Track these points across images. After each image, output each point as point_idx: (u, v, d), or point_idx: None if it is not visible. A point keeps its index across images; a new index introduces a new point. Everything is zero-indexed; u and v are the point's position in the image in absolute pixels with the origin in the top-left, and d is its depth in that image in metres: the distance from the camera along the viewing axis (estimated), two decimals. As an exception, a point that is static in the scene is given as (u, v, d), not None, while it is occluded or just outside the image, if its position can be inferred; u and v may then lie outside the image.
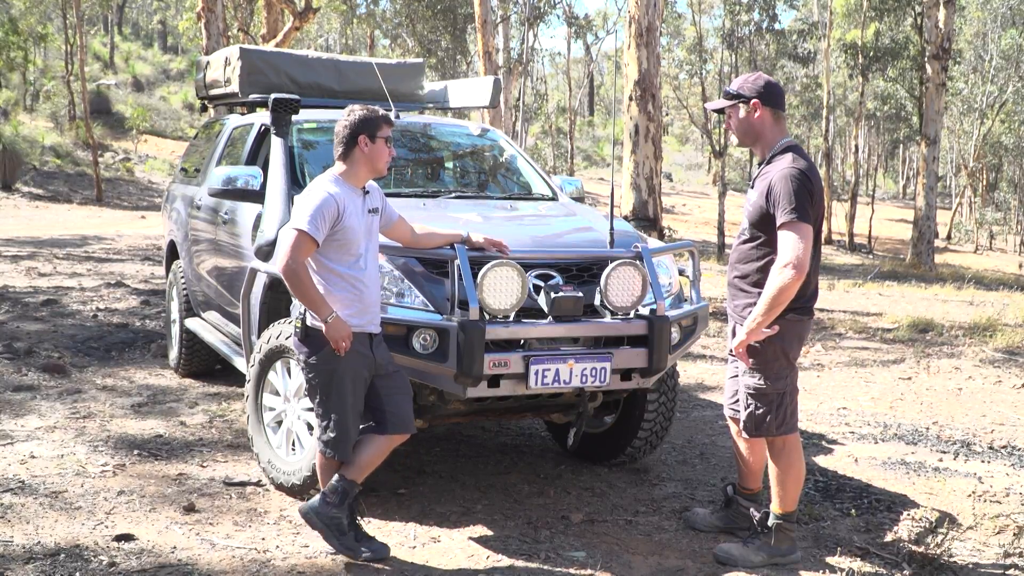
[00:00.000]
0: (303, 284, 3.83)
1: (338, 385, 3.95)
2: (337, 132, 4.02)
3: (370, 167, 4.02)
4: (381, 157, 4.02)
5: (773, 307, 3.89)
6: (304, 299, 3.85)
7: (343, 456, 4.03)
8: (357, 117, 3.99)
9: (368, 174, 4.05)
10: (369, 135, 3.98)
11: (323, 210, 3.85)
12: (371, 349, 4.01)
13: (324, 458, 4.08)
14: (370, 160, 4.00)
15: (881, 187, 54.89)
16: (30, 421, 5.83)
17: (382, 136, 4.01)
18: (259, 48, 7.15)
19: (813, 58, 34.77)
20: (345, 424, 3.98)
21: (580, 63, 55.45)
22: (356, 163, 4.00)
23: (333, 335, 3.85)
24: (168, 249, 7.64)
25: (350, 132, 3.98)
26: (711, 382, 7.62)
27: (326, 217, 3.85)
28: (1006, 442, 6.12)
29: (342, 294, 3.94)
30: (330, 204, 3.87)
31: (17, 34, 27.87)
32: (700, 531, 4.51)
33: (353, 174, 4.01)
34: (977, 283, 17.53)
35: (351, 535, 4.03)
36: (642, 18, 11.69)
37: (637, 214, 11.74)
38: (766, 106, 4.06)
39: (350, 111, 4.03)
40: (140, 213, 23.20)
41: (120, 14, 53.70)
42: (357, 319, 3.95)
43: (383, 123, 4.02)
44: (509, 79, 27.34)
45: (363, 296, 3.97)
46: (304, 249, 3.85)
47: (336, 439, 3.99)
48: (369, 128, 3.98)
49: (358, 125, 3.98)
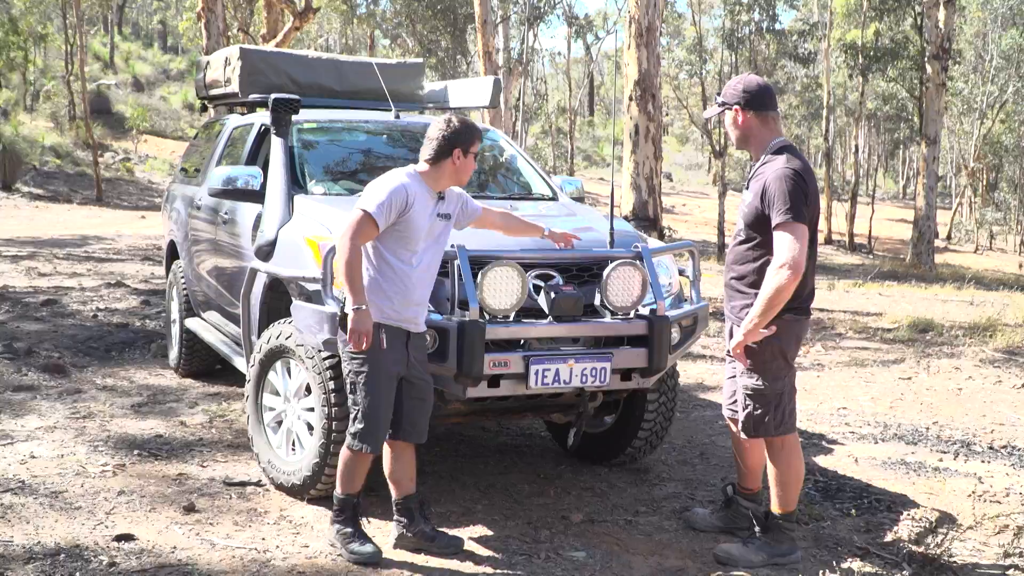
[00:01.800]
0: (351, 264, 3.80)
1: (373, 376, 3.92)
2: (432, 136, 4.00)
3: (455, 179, 4.05)
4: (468, 171, 4.05)
5: (770, 308, 3.89)
6: (347, 278, 3.81)
7: (376, 448, 4.00)
8: (457, 128, 3.98)
9: (450, 183, 4.07)
10: (464, 149, 3.99)
11: (393, 198, 3.86)
12: (406, 347, 4.00)
13: (351, 452, 4.02)
14: (457, 172, 4.02)
15: (881, 187, 54.88)
16: (30, 421, 5.83)
17: (474, 151, 4.03)
18: (259, 48, 7.16)
19: (813, 58, 34.78)
20: (376, 416, 3.95)
21: (580, 63, 55.43)
22: (442, 171, 4.01)
23: (354, 326, 3.82)
24: (168, 249, 7.64)
25: (447, 142, 3.97)
26: (711, 382, 7.62)
27: (394, 206, 3.86)
28: (1006, 442, 6.12)
29: (389, 285, 3.92)
30: (400, 194, 3.88)
31: (17, 34, 27.89)
32: (700, 531, 4.51)
33: (435, 179, 4.02)
34: (977, 283, 17.53)
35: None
36: (642, 18, 11.69)
37: (637, 214, 11.74)
38: (749, 110, 4.07)
39: (449, 121, 4.01)
40: (140, 213, 23.20)
41: (120, 14, 53.68)
42: (395, 313, 3.93)
43: (478, 139, 4.05)
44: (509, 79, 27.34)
45: (409, 293, 3.94)
46: (365, 232, 3.84)
47: (367, 430, 3.95)
48: (466, 142, 3.99)
49: (457, 137, 3.98)
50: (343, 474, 4.08)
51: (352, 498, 4.09)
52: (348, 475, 4.07)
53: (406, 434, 4.07)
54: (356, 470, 4.06)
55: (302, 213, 4.98)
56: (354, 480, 4.08)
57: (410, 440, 4.10)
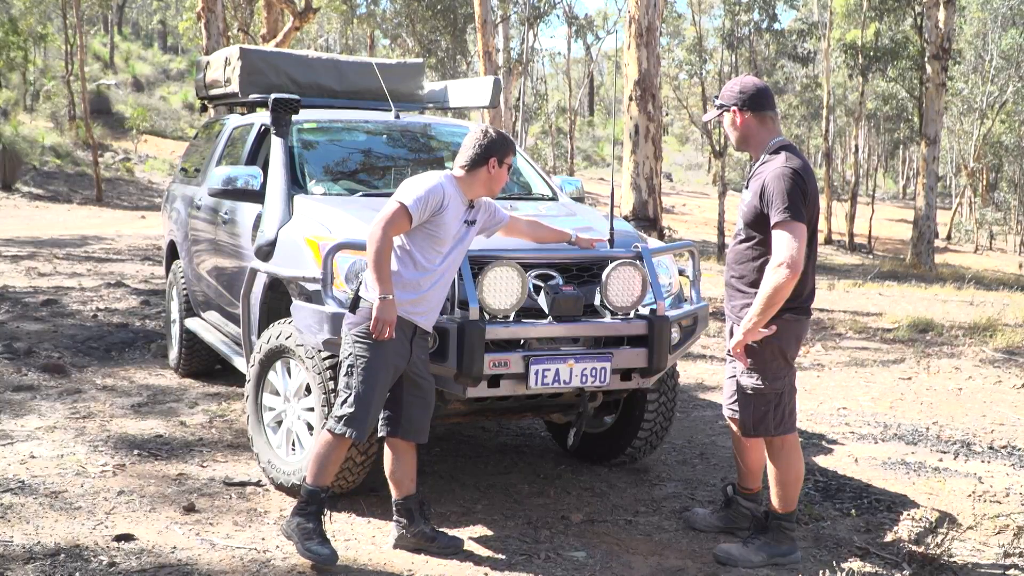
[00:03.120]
0: (380, 253, 3.83)
1: (373, 362, 3.91)
2: (468, 145, 4.07)
3: (487, 188, 4.12)
4: (500, 182, 4.13)
5: (769, 307, 3.89)
6: (375, 267, 3.83)
7: (360, 434, 3.93)
8: (494, 139, 4.07)
9: (482, 193, 4.13)
10: (499, 159, 4.07)
11: (430, 195, 3.91)
12: (411, 342, 4.00)
13: (332, 436, 3.95)
14: (490, 182, 4.09)
15: (881, 187, 54.90)
16: (30, 421, 5.83)
17: (508, 163, 4.11)
18: (259, 48, 7.16)
19: (813, 58, 34.80)
20: (368, 402, 3.92)
21: (580, 63, 55.44)
22: (477, 179, 4.08)
23: (380, 315, 3.83)
24: (168, 249, 7.64)
25: (484, 151, 4.05)
26: (711, 382, 7.62)
27: (430, 203, 3.91)
28: (1006, 442, 6.12)
29: (409, 279, 3.95)
30: (437, 192, 3.93)
31: (17, 34, 27.90)
32: (700, 531, 4.51)
33: (469, 186, 4.08)
34: (977, 283, 17.53)
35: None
36: (642, 18, 11.69)
37: (637, 214, 11.74)
38: (746, 111, 4.08)
39: (486, 131, 4.09)
40: (140, 213, 23.21)
41: (120, 14, 53.69)
42: (411, 307, 3.95)
43: (512, 152, 4.13)
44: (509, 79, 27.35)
45: (423, 288, 3.97)
46: (399, 224, 3.88)
47: (355, 415, 3.90)
48: (502, 153, 4.07)
49: (493, 147, 4.06)
50: (317, 460, 3.97)
51: (320, 491, 3.99)
52: (322, 462, 3.97)
53: (405, 432, 4.06)
54: (332, 457, 3.97)
55: (302, 213, 4.98)
56: (327, 469, 3.98)
57: (410, 439, 4.09)
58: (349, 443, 3.98)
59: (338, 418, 3.94)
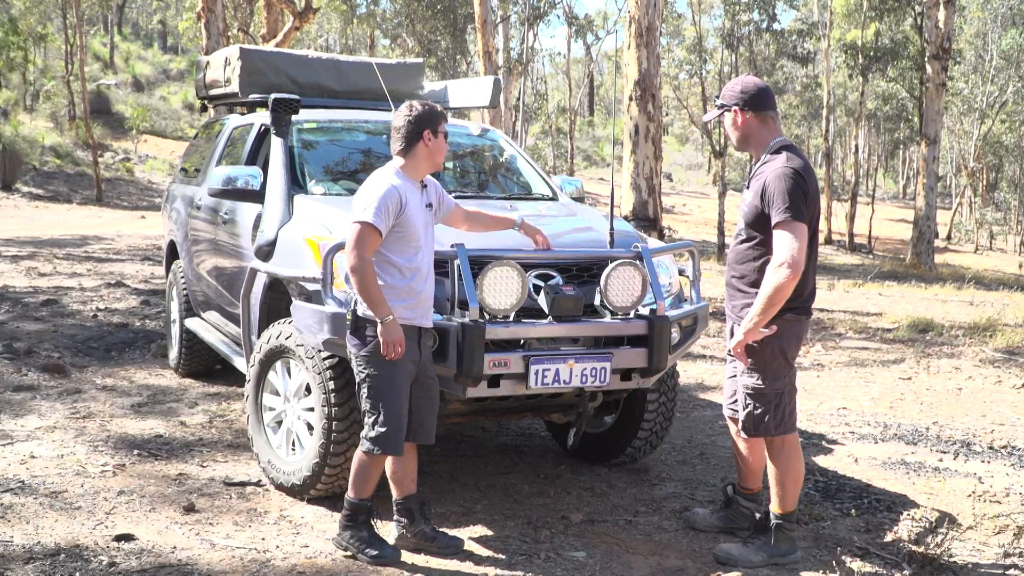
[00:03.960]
0: (367, 280, 3.80)
1: (390, 378, 3.90)
2: (398, 127, 4.01)
3: (431, 161, 4.04)
4: (441, 151, 4.06)
5: (769, 306, 3.89)
6: (365, 295, 3.81)
7: (396, 452, 3.96)
8: (421, 111, 4.00)
9: (428, 168, 4.06)
10: (432, 130, 4.00)
11: (387, 201, 3.85)
12: (419, 344, 3.99)
13: (368, 457, 3.98)
14: (432, 154, 4.02)
15: (881, 187, 54.89)
16: (30, 421, 5.83)
17: (442, 131, 4.04)
18: (259, 48, 7.15)
19: (813, 58, 34.79)
20: (399, 418, 3.93)
21: (580, 63, 55.44)
22: (418, 158, 4.01)
23: (387, 337, 3.81)
24: (168, 249, 7.64)
25: (415, 127, 3.98)
26: (711, 382, 7.62)
27: (390, 209, 3.85)
28: (1006, 442, 6.12)
29: (399, 287, 3.92)
30: (393, 195, 3.87)
31: (17, 34, 27.88)
32: (700, 531, 4.51)
33: (414, 168, 4.02)
34: (977, 283, 17.53)
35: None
36: (642, 18, 11.69)
37: (637, 214, 11.74)
38: (748, 110, 4.08)
39: (411, 106, 4.02)
40: (140, 213, 23.20)
41: (120, 14, 53.69)
42: (410, 312, 3.93)
43: (442, 118, 4.06)
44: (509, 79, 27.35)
45: (417, 290, 3.95)
46: (370, 242, 3.83)
47: (388, 434, 3.92)
48: (433, 123, 4.00)
49: (423, 119, 3.98)
50: (357, 478, 4.03)
51: (366, 502, 4.06)
52: (363, 479, 4.03)
53: (415, 435, 4.06)
54: (371, 474, 4.03)
55: (302, 213, 4.98)
56: (368, 484, 4.04)
57: (420, 441, 4.09)
58: (385, 458, 4.03)
59: (373, 440, 3.94)
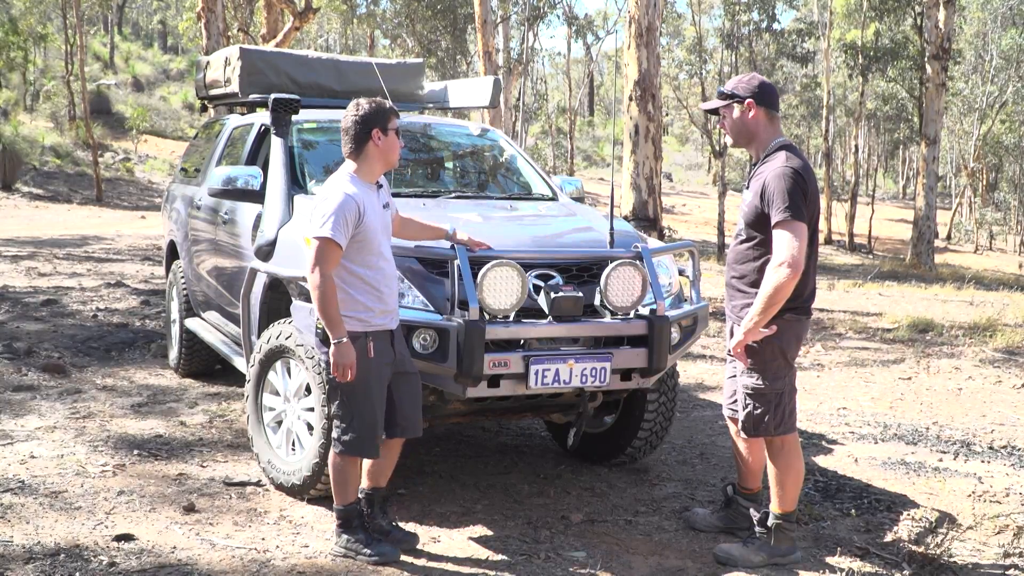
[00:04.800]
0: (326, 298, 3.73)
1: (362, 385, 3.87)
2: (346, 128, 3.91)
3: (384, 160, 3.93)
4: (394, 149, 3.93)
5: (769, 306, 3.89)
6: (324, 314, 3.75)
7: (372, 453, 3.95)
8: (368, 110, 3.88)
9: (382, 167, 3.95)
10: (382, 128, 3.88)
11: (344, 213, 3.74)
12: (392, 345, 3.97)
13: (342, 459, 3.97)
14: (384, 153, 3.91)
15: (881, 187, 54.88)
16: (30, 421, 5.83)
17: (393, 128, 3.92)
18: (259, 48, 7.16)
19: (813, 58, 34.78)
20: (372, 421, 3.91)
21: (580, 63, 55.43)
22: (370, 158, 3.90)
23: (338, 360, 3.77)
24: (168, 249, 7.64)
25: (362, 126, 3.87)
26: (711, 382, 7.62)
27: (348, 220, 3.75)
28: (1006, 442, 6.12)
29: (364, 296, 3.86)
30: (350, 205, 3.77)
31: (17, 34, 27.89)
32: (700, 531, 4.51)
33: (368, 170, 3.92)
34: (977, 283, 17.53)
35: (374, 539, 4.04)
36: (642, 18, 11.69)
37: (637, 214, 11.74)
38: (760, 106, 4.07)
39: (357, 105, 3.90)
40: (140, 213, 23.20)
41: (120, 14, 53.68)
42: (380, 319, 3.90)
43: (392, 114, 3.93)
44: (509, 79, 27.35)
45: (384, 295, 3.91)
46: (332, 258, 3.75)
47: (360, 439, 3.90)
48: (381, 120, 3.89)
49: (370, 118, 3.87)
50: (338, 484, 4.02)
51: (353, 506, 4.05)
52: (342, 483, 4.01)
53: (402, 431, 4.06)
54: (350, 476, 4.02)
55: (302, 213, 4.98)
56: (349, 487, 4.03)
57: (407, 435, 4.08)
58: (360, 458, 4.01)
59: (347, 444, 3.92)
